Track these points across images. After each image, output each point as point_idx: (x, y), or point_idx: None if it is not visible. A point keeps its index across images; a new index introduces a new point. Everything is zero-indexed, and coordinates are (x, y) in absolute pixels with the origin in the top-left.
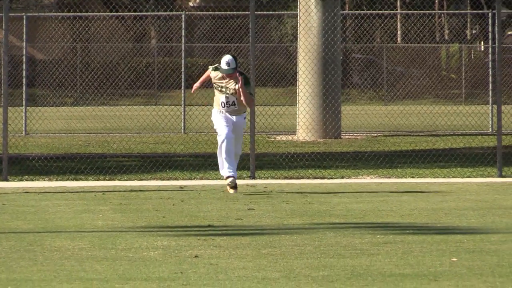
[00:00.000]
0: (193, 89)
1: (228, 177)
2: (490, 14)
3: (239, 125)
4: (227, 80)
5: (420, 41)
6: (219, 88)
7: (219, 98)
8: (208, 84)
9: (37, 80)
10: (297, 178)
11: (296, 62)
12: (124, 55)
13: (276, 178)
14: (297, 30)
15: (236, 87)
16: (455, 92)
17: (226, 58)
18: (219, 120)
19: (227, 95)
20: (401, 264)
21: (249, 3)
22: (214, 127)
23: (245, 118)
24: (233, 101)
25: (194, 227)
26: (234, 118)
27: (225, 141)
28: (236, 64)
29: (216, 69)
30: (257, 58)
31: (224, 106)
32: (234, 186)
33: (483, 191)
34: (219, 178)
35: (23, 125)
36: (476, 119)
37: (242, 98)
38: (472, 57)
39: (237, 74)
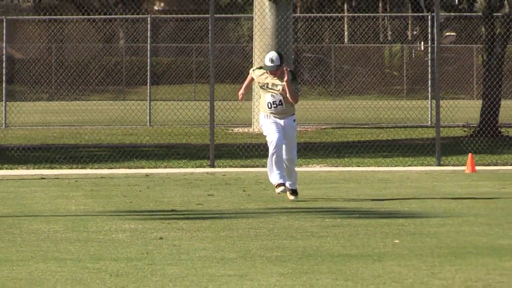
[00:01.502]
0: (240, 98)
1: (278, 185)
2: (429, 16)
3: (290, 129)
4: (272, 77)
5: (365, 42)
6: (265, 87)
7: (265, 98)
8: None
9: (16, 77)
10: (253, 166)
11: (252, 60)
12: (95, 55)
13: (234, 167)
14: (253, 31)
15: (283, 82)
16: (397, 88)
17: (270, 54)
18: (268, 126)
19: (273, 94)
20: (348, 245)
21: (209, 7)
22: (264, 134)
23: (294, 121)
24: (280, 101)
25: (159, 211)
26: (282, 122)
27: (276, 149)
28: (281, 61)
29: (260, 68)
30: (216, 57)
31: (271, 107)
32: (292, 193)
33: (423, 178)
34: (182, 167)
35: (3, 118)
36: (417, 112)
37: (287, 93)
38: (413, 56)
39: (285, 69)
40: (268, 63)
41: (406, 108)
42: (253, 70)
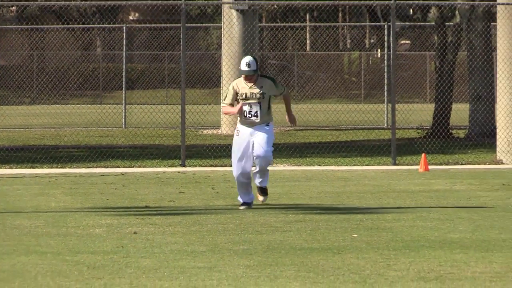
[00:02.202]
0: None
1: (242, 204)
2: (386, 26)
3: (262, 130)
4: (251, 85)
5: (326, 49)
6: (243, 97)
7: (242, 108)
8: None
9: None
10: (221, 166)
11: (220, 67)
12: (74, 61)
13: (203, 166)
14: (221, 39)
15: (260, 91)
16: (356, 93)
17: (246, 59)
18: (236, 148)
19: (251, 104)
20: (309, 239)
21: (180, 17)
22: (232, 151)
23: (267, 125)
24: (256, 112)
25: (133, 208)
26: (254, 128)
27: (237, 177)
28: (257, 66)
29: (235, 80)
30: (187, 64)
31: (246, 116)
32: (262, 192)
33: (380, 177)
34: (155, 166)
35: None
36: (374, 115)
37: (290, 112)
38: (370, 62)
39: (263, 77)
40: (245, 68)
41: (364, 111)
42: (227, 94)
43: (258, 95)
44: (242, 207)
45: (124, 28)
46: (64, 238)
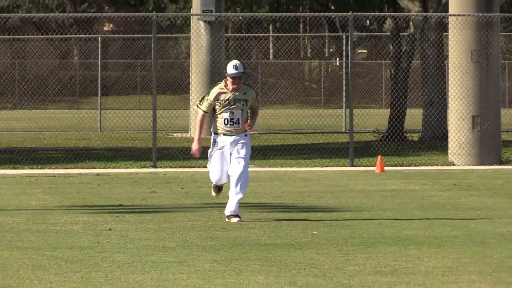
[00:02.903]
0: (197, 154)
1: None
2: (344, 36)
3: (240, 144)
4: (234, 91)
5: (288, 58)
6: (226, 103)
7: (223, 115)
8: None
9: None
10: (190, 167)
11: (189, 74)
12: (53, 69)
13: (173, 167)
14: (190, 49)
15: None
16: (316, 99)
17: (233, 62)
18: (213, 161)
19: (233, 111)
20: (273, 236)
21: (152, 28)
22: (208, 165)
23: (246, 135)
24: (238, 119)
25: (108, 206)
26: (233, 138)
27: (215, 181)
28: (243, 68)
29: (214, 86)
30: (158, 72)
31: (227, 124)
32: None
33: (338, 177)
34: (128, 167)
35: None
36: (333, 120)
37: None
38: (329, 70)
39: (246, 85)
40: (233, 70)
41: (323, 116)
42: (206, 99)
43: (241, 102)
44: (214, 194)
45: (99, 38)
46: (44, 234)
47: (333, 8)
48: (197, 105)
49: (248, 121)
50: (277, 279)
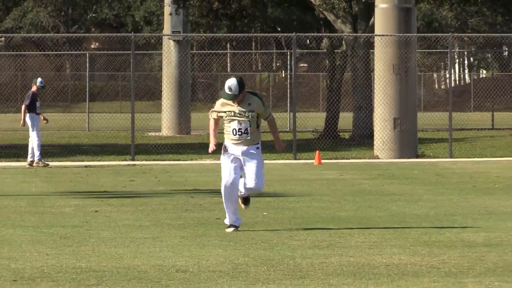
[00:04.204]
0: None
1: (229, 226)
2: (288, 52)
3: (251, 155)
4: (237, 104)
5: (242, 70)
6: (232, 115)
7: (231, 125)
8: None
9: None
10: (162, 160)
11: (161, 84)
12: (49, 80)
13: (149, 161)
14: (162, 63)
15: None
16: (276, 104)
17: (229, 82)
18: (224, 167)
19: (240, 121)
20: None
21: (130, 46)
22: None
23: (258, 148)
24: (246, 129)
25: (95, 192)
26: (244, 148)
27: (225, 190)
28: (239, 89)
29: (219, 99)
30: (135, 82)
31: (236, 134)
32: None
33: (284, 169)
34: (111, 160)
35: None
36: (279, 121)
37: (275, 134)
38: (276, 81)
39: (249, 93)
40: (227, 92)
41: None
42: (213, 110)
43: (247, 113)
44: (229, 230)
45: (87, 54)
46: (42, 215)
47: (279, 29)
48: (210, 116)
49: (276, 144)
50: (233, 252)
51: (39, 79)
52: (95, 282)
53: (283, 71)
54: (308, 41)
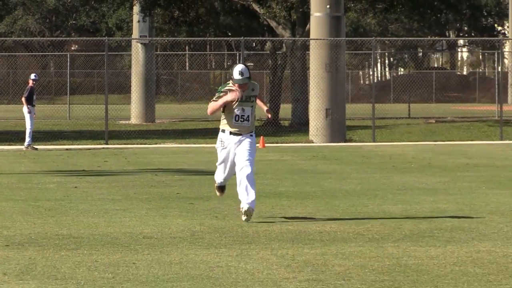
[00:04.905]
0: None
1: (218, 187)
2: (237, 53)
3: (245, 143)
4: (242, 90)
5: (199, 69)
6: (239, 100)
7: (233, 112)
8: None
9: None
10: (132, 144)
11: (130, 80)
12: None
13: (120, 145)
14: (131, 62)
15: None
16: None
17: (239, 67)
18: (220, 159)
19: (244, 108)
20: (188, 191)
21: (104, 48)
22: (217, 163)
23: (252, 136)
24: (248, 116)
25: (75, 171)
26: (240, 137)
27: (220, 182)
28: (249, 72)
29: (225, 86)
30: (109, 78)
31: (238, 120)
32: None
33: None
34: (88, 144)
35: None
36: None
37: (261, 105)
38: (227, 77)
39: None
40: (238, 76)
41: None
42: (220, 90)
43: (251, 98)
44: (218, 194)
45: (68, 55)
46: (30, 191)
47: (230, 34)
48: (212, 101)
49: (265, 109)
50: (191, 221)
51: (32, 75)
52: (74, 247)
53: None
54: (254, 44)
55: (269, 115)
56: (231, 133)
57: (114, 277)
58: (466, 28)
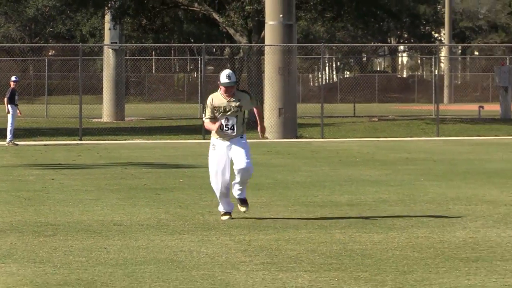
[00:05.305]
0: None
1: (224, 213)
2: (199, 58)
3: (238, 143)
4: (229, 98)
5: (164, 72)
6: (221, 110)
7: (219, 121)
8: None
9: None
10: (103, 140)
11: (102, 82)
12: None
13: (92, 140)
14: (103, 66)
15: (237, 104)
16: (181, 97)
17: (226, 72)
18: (212, 163)
19: (228, 117)
20: (155, 183)
21: (79, 53)
22: (209, 167)
23: (242, 137)
24: (233, 125)
25: (52, 164)
26: (229, 141)
27: (219, 188)
28: (235, 77)
29: (211, 95)
30: (83, 80)
31: (223, 129)
32: (242, 203)
33: (195, 146)
34: (64, 140)
35: None
36: (192, 110)
37: (260, 122)
38: (190, 80)
39: (239, 91)
40: (226, 80)
41: (186, 108)
42: (207, 109)
43: (236, 108)
44: (224, 218)
45: (46, 59)
46: (12, 182)
47: (192, 40)
48: (203, 120)
49: (258, 127)
50: (157, 210)
51: (13, 77)
52: (51, 233)
53: (195, 72)
54: (214, 49)
55: (262, 135)
56: (219, 139)
57: (87, 261)
58: (406, 35)
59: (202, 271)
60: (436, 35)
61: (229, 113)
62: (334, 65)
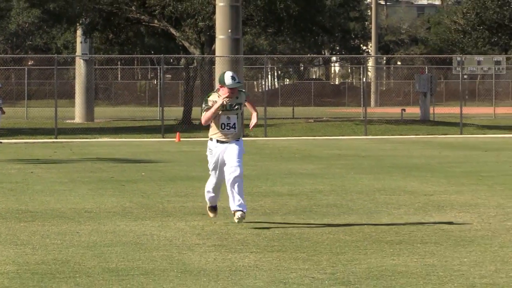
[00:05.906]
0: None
1: (209, 208)
2: (159, 67)
3: (233, 147)
4: (229, 98)
5: (128, 79)
6: (224, 109)
7: (220, 120)
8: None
9: None
10: (76, 138)
11: (75, 88)
12: (4, 83)
13: (66, 139)
14: (75, 74)
15: (242, 100)
16: (143, 101)
17: (230, 73)
18: (211, 164)
19: (230, 116)
20: (121, 175)
21: (54, 63)
22: (209, 166)
23: (239, 140)
24: (234, 124)
25: (32, 159)
26: (227, 143)
27: (212, 189)
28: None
29: (212, 94)
30: (58, 87)
31: (224, 128)
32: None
33: (155, 144)
34: (42, 139)
35: None
36: (153, 113)
37: (253, 109)
38: (151, 86)
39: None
40: (230, 81)
41: (148, 111)
42: (207, 97)
43: (237, 106)
44: (212, 215)
45: (26, 68)
46: None
47: (152, 52)
48: (202, 112)
49: (252, 117)
50: (122, 199)
51: None
52: (31, 219)
53: (155, 80)
54: (171, 60)
55: (252, 126)
56: (218, 141)
57: (62, 243)
58: (338, 48)
59: (161, 252)
60: (364, 47)
61: (230, 111)
62: (275, 74)
